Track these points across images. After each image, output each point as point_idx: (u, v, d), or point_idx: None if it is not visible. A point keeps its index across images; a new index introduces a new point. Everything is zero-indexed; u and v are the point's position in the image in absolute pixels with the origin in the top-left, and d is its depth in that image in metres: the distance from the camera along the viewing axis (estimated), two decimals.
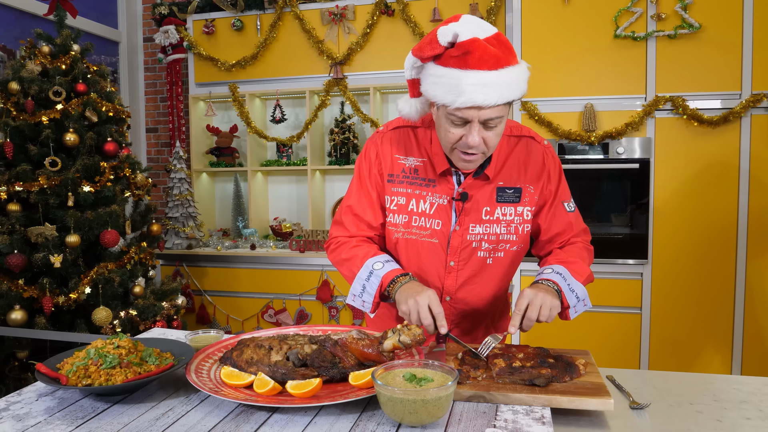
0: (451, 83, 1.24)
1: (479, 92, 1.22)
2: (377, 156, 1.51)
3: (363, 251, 1.46)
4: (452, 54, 1.24)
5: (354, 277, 1.44)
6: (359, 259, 1.44)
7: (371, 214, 1.52)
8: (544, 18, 3.10)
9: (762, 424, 1.10)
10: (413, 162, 1.48)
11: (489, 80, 1.22)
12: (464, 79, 1.22)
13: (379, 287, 1.39)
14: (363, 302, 1.44)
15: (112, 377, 1.13)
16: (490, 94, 1.22)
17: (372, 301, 1.41)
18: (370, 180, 1.51)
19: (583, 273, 1.42)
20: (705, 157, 2.97)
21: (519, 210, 1.47)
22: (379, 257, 1.44)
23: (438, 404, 0.99)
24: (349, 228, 1.53)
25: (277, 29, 3.87)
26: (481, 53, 1.22)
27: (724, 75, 2.92)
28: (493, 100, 1.23)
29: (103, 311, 2.64)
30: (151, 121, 4.61)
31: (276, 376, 1.18)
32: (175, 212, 3.83)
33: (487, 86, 1.22)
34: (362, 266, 1.42)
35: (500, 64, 1.23)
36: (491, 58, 1.22)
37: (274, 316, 3.61)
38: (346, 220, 1.54)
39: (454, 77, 1.23)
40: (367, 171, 1.52)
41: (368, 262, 1.42)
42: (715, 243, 2.99)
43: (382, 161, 1.50)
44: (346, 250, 1.49)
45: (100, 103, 2.82)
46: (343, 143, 3.86)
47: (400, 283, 1.37)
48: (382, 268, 1.40)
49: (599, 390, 1.13)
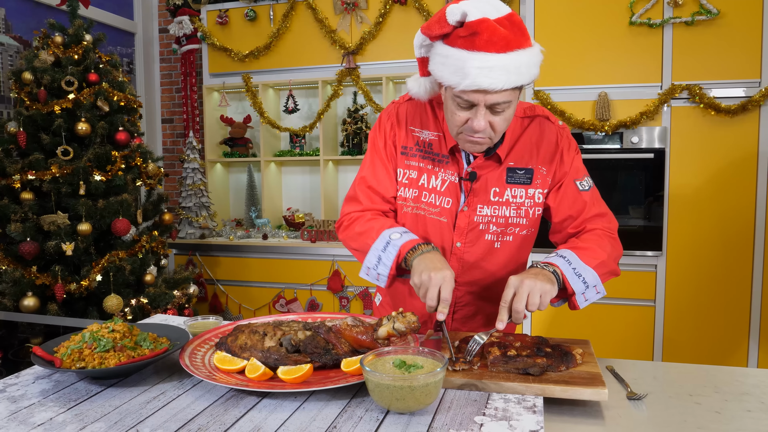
0: (457, 65, 1.19)
1: (485, 76, 1.16)
2: (392, 127, 1.47)
3: (379, 223, 1.39)
4: (460, 34, 1.19)
5: (369, 249, 1.35)
6: (375, 231, 1.36)
7: (387, 185, 1.46)
8: (558, 5, 3.04)
9: (763, 416, 1.07)
10: (428, 135, 1.44)
11: (496, 63, 1.16)
12: (470, 62, 1.17)
13: (396, 257, 1.31)
14: (378, 275, 1.35)
15: (106, 360, 1.14)
16: (497, 78, 1.17)
17: (388, 273, 1.32)
18: (385, 151, 1.47)
19: (595, 258, 1.31)
20: (722, 147, 2.89)
21: (530, 192, 1.42)
22: (397, 228, 1.37)
23: (425, 391, 0.98)
24: (363, 201, 1.46)
25: (289, 19, 3.87)
26: (490, 35, 1.16)
27: (742, 63, 2.84)
28: (500, 84, 1.17)
29: (114, 299, 2.68)
30: (167, 112, 4.65)
31: (268, 361, 1.18)
32: (189, 202, 3.86)
33: (493, 70, 1.16)
34: (378, 237, 1.34)
35: (510, 47, 1.17)
36: (501, 40, 1.16)
37: (286, 306, 3.63)
38: (360, 193, 1.47)
39: (460, 58, 1.18)
40: (382, 142, 1.47)
41: (385, 233, 1.35)
42: (732, 235, 2.92)
43: (397, 132, 1.46)
44: (360, 224, 1.42)
45: (111, 93, 2.85)
46: (355, 133, 3.85)
47: (420, 251, 1.29)
48: (400, 238, 1.32)
49: (594, 380, 1.11)
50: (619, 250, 1.41)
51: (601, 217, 1.43)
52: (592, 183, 1.46)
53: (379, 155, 1.47)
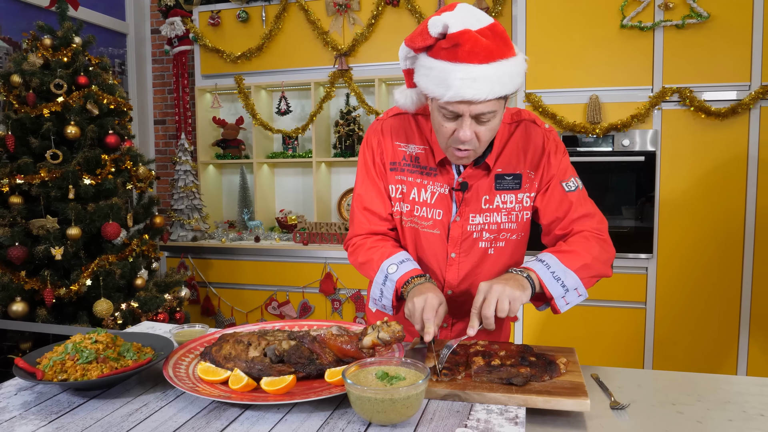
0: (440, 76, 1.19)
1: (468, 87, 1.17)
2: (378, 144, 1.48)
3: (378, 253, 1.42)
4: (443, 46, 1.20)
5: (372, 281, 1.42)
6: (375, 263, 1.41)
7: (380, 205, 1.48)
8: (550, 8, 3.04)
9: (744, 425, 1.08)
10: (414, 149, 1.45)
11: (479, 74, 1.17)
12: (453, 73, 1.17)
13: (395, 291, 1.37)
14: (383, 306, 1.42)
15: (88, 372, 1.14)
16: (480, 89, 1.17)
17: (391, 304, 1.40)
18: (375, 169, 1.48)
19: (577, 261, 1.31)
20: (712, 150, 2.90)
21: (520, 197, 1.43)
22: (394, 258, 1.40)
23: (407, 403, 0.98)
24: (362, 225, 1.50)
25: (282, 20, 3.86)
26: (472, 46, 1.17)
27: (733, 66, 2.85)
28: (483, 95, 1.18)
29: (104, 303, 2.67)
30: (159, 113, 4.63)
31: (252, 372, 1.18)
32: (181, 204, 3.85)
33: (476, 81, 1.17)
34: (378, 270, 1.40)
35: (492, 57, 1.18)
36: (483, 51, 1.17)
37: (278, 309, 3.62)
38: (358, 217, 1.51)
39: (443, 70, 1.19)
40: (371, 160, 1.49)
41: (383, 265, 1.39)
42: (722, 238, 2.93)
43: (384, 149, 1.47)
44: (362, 253, 1.46)
45: (101, 96, 2.83)
46: (348, 135, 3.85)
47: (413, 284, 1.33)
48: (396, 271, 1.37)
49: (577, 390, 1.11)
50: (609, 251, 1.40)
51: (589, 217, 1.42)
52: (579, 184, 1.45)
53: (369, 174, 1.49)
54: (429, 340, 1.23)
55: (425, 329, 1.24)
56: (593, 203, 1.46)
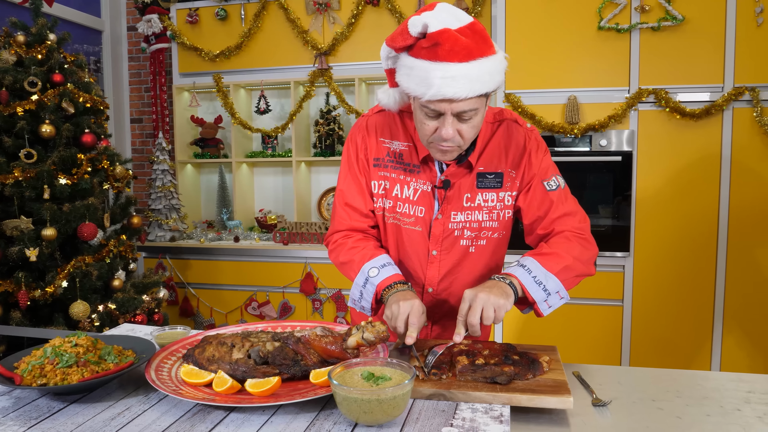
0: (421, 75, 1.21)
1: (448, 85, 1.19)
2: (363, 140, 1.48)
3: (359, 254, 1.43)
4: (423, 45, 1.21)
5: (353, 282, 1.43)
6: (356, 264, 1.42)
7: (362, 201, 1.49)
8: (529, 9, 3.07)
9: (721, 420, 1.10)
10: (398, 146, 1.46)
11: (458, 73, 1.18)
12: (433, 72, 1.19)
13: (375, 295, 1.38)
14: (362, 307, 1.44)
15: (68, 376, 1.12)
16: (460, 88, 1.19)
17: (370, 307, 1.42)
18: (357, 165, 1.49)
19: (558, 263, 1.33)
20: (687, 150, 2.96)
21: (500, 196, 1.44)
22: (375, 261, 1.40)
23: (393, 404, 0.98)
24: (343, 221, 1.50)
25: (261, 19, 3.83)
26: (452, 44, 1.18)
27: (706, 68, 2.91)
28: (464, 93, 1.19)
29: (81, 305, 2.62)
30: (136, 112, 4.56)
31: (236, 374, 1.17)
32: (158, 204, 3.80)
33: (456, 79, 1.18)
34: (359, 272, 1.40)
35: (472, 56, 1.19)
36: (462, 50, 1.19)
37: (258, 309, 3.60)
38: (339, 213, 1.51)
39: (424, 69, 1.20)
40: (354, 156, 1.49)
41: (364, 268, 1.40)
42: (696, 236, 3.00)
43: (368, 145, 1.48)
44: (343, 252, 1.46)
45: (77, 94, 2.78)
46: (328, 134, 3.84)
47: (395, 289, 1.34)
48: (377, 275, 1.38)
49: (560, 388, 1.13)
50: (591, 250, 1.41)
51: (571, 216, 1.43)
52: (561, 182, 1.46)
53: (352, 170, 1.49)
54: (411, 343, 1.25)
55: (409, 332, 1.25)
56: (575, 201, 1.47)
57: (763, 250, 2.93)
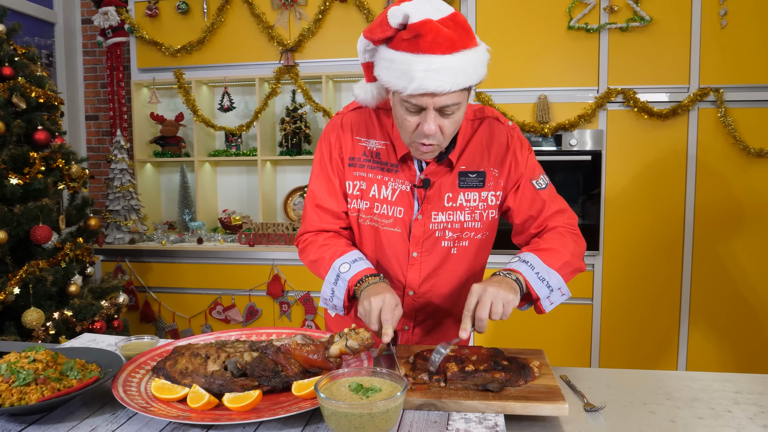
0: (402, 68, 1.15)
1: (431, 78, 1.14)
2: (337, 138, 1.42)
3: (330, 251, 1.37)
4: (403, 37, 1.16)
5: (323, 280, 1.35)
6: (326, 261, 1.36)
7: (334, 202, 1.43)
8: (500, 8, 3.06)
9: (714, 423, 1.09)
10: (375, 145, 1.40)
11: (441, 65, 1.13)
12: (415, 65, 1.14)
13: (347, 291, 1.32)
14: (334, 306, 1.37)
15: (26, 396, 1.02)
16: (444, 81, 1.14)
17: (342, 304, 1.35)
18: (331, 165, 1.42)
19: (558, 259, 1.30)
20: (655, 149, 3.00)
21: (483, 195, 1.40)
22: (346, 256, 1.34)
23: (386, 417, 0.93)
24: (314, 223, 1.44)
25: (224, 13, 3.70)
26: (434, 36, 1.13)
27: (673, 69, 2.96)
28: (447, 86, 1.14)
29: (35, 312, 2.47)
30: (91, 108, 4.36)
31: (212, 387, 1.10)
32: (117, 205, 3.64)
33: (439, 72, 1.13)
34: (330, 269, 1.34)
35: (455, 48, 1.15)
36: (445, 41, 1.14)
37: (223, 313, 3.48)
38: (311, 212, 1.45)
39: (405, 62, 1.15)
40: (328, 156, 1.43)
41: (335, 264, 1.34)
42: (663, 234, 3.04)
43: (342, 144, 1.41)
44: (313, 251, 1.40)
45: (29, 89, 2.61)
46: (294, 133, 3.74)
47: (367, 283, 1.28)
48: (349, 270, 1.31)
49: (553, 394, 1.09)
50: (582, 245, 1.41)
51: (561, 213, 1.42)
52: (548, 180, 1.45)
53: (324, 170, 1.43)
54: (388, 341, 1.19)
55: (384, 330, 1.20)
56: (562, 198, 1.46)
57: (726, 247, 3.00)
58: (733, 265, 3.00)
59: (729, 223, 2.98)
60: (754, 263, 2.98)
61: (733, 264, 3.00)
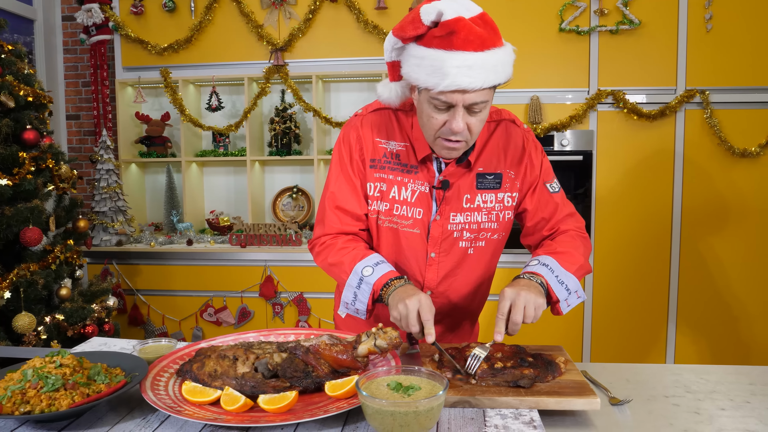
0: (434, 65, 1.17)
1: (464, 75, 1.15)
2: (358, 140, 1.41)
3: (350, 255, 1.35)
4: (436, 34, 1.18)
5: (344, 284, 1.33)
6: (347, 265, 1.34)
7: (356, 203, 1.41)
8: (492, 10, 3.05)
9: (736, 413, 1.12)
10: (395, 146, 1.40)
11: (474, 62, 1.15)
12: (449, 61, 1.15)
13: (371, 294, 1.30)
14: (356, 310, 1.34)
15: (56, 401, 0.99)
16: (476, 77, 1.16)
17: (365, 309, 1.33)
18: (351, 167, 1.41)
19: (574, 263, 1.33)
20: (643, 149, 3.07)
21: (500, 197, 1.42)
22: (368, 260, 1.33)
23: (430, 415, 0.93)
24: (334, 224, 1.42)
25: (212, 11, 3.66)
26: (467, 33, 1.15)
27: (660, 71, 3.03)
28: (479, 83, 1.16)
29: (26, 317, 2.40)
30: (72, 108, 4.26)
31: (244, 389, 1.09)
32: (103, 206, 3.56)
33: (472, 68, 1.15)
34: (351, 272, 1.32)
35: (486, 46, 1.17)
36: (477, 39, 1.16)
37: (214, 315, 3.44)
38: (330, 215, 1.42)
39: (437, 59, 1.17)
40: (348, 157, 1.41)
41: (357, 267, 1.32)
42: (652, 232, 3.11)
43: (363, 145, 1.41)
44: (332, 254, 1.38)
45: (17, 87, 2.54)
46: (284, 133, 3.72)
47: (393, 287, 1.27)
48: (372, 274, 1.30)
49: (584, 389, 1.11)
50: (589, 247, 1.44)
51: (571, 216, 1.46)
52: (559, 184, 1.48)
53: (345, 171, 1.42)
54: (433, 340, 1.20)
55: (426, 330, 1.20)
56: (570, 202, 1.50)
57: (712, 245, 3.08)
58: (718, 261, 3.08)
59: (714, 220, 3.06)
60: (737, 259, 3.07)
61: (719, 260, 3.08)
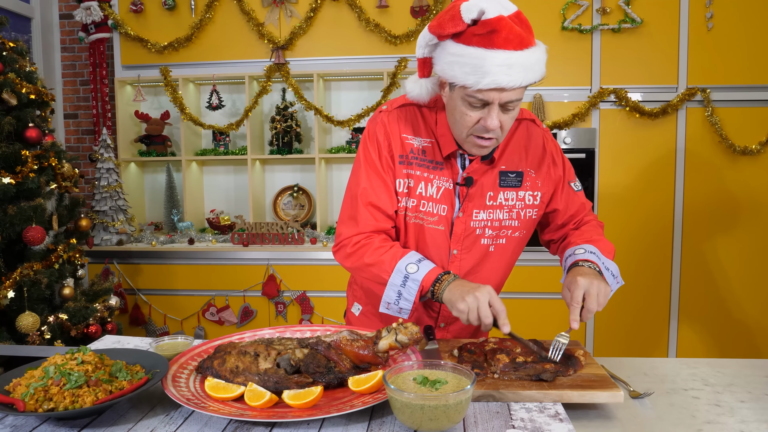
0: (474, 63, 1.17)
1: (504, 73, 1.16)
2: (386, 135, 1.40)
3: (389, 254, 1.32)
4: (476, 32, 1.18)
5: (386, 284, 1.31)
6: (387, 264, 1.31)
7: (388, 200, 1.39)
8: None
9: (756, 405, 1.13)
10: (421, 142, 1.40)
11: (515, 61, 1.16)
12: (490, 59, 1.16)
13: (419, 291, 1.28)
14: (400, 309, 1.32)
15: (80, 398, 0.98)
16: (515, 76, 1.17)
17: (411, 306, 1.31)
18: (381, 163, 1.39)
19: (610, 250, 1.39)
20: (645, 147, 3.08)
21: (521, 195, 1.42)
22: (409, 257, 1.31)
23: (459, 408, 0.93)
24: (368, 222, 1.38)
25: (213, 9, 3.64)
26: (508, 32, 1.16)
27: (662, 69, 3.04)
28: (518, 81, 1.17)
29: (30, 317, 2.38)
30: (71, 106, 4.23)
31: (267, 385, 1.08)
32: (104, 205, 3.54)
33: (512, 67, 1.16)
34: (394, 271, 1.30)
35: (524, 45, 1.18)
36: (516, 38, 1.16)
37: (217, 314, 3.42)
38: (363, 213, 1.38)
39: (478, 57, 1.17)
40: (377, 153, 1.39)
41: (400, 265, 1.29)
42: (654, 230, 3.13)
43: (392, 141, 1.39)
44: (369, 253, 1.34)
45: (19, 85, 2.52)
46: (285, 132, 3.71)
47: (446, 281, 1.26)
48: (418, 271, 1.28)
49: (606, 382, 1.11)
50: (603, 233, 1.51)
51: (590, 212, 1.54)
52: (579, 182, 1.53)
53: (374, 168, 1.39)
54: (508, 330, 1.20)
55: (500, 321, 1.19)
56: None
57: (713, 241, 3.10)
58: (719, 257, 3.10)
59: (716, 217, 3.08)
60: (738, 254, 3.09)
61: (719, 256, 3.10)
